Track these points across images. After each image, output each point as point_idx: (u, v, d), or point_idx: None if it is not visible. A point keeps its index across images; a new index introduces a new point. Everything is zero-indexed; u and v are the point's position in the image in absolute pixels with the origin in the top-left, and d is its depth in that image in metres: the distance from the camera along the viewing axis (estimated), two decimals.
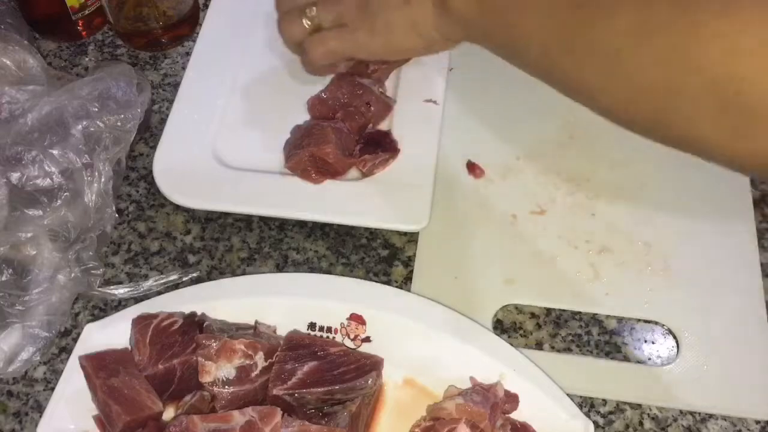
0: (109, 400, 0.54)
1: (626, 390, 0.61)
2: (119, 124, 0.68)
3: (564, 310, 0.65)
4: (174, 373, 0.57)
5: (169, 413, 0.58)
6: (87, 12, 0.81)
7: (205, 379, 0.56)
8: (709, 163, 0.71)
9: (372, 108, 0.72)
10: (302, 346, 0.58)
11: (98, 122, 0.67)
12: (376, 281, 0.66)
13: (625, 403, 0.61)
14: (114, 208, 0.68)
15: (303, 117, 0.74)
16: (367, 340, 0.60)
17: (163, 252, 0.69)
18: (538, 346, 0.63)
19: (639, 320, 0.64)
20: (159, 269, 0.68)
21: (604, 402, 0.61)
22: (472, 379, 0.58)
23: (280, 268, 0.68)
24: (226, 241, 0.70)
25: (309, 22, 0.66)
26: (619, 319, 0.64)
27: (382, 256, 0.69)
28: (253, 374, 0.57)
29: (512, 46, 0.55)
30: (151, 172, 0.70)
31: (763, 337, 0.62)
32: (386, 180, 0.69)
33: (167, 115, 0.74)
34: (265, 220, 0.71)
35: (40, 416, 0.56)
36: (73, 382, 0.57)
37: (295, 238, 0.70)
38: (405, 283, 0.67)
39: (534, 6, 0.51)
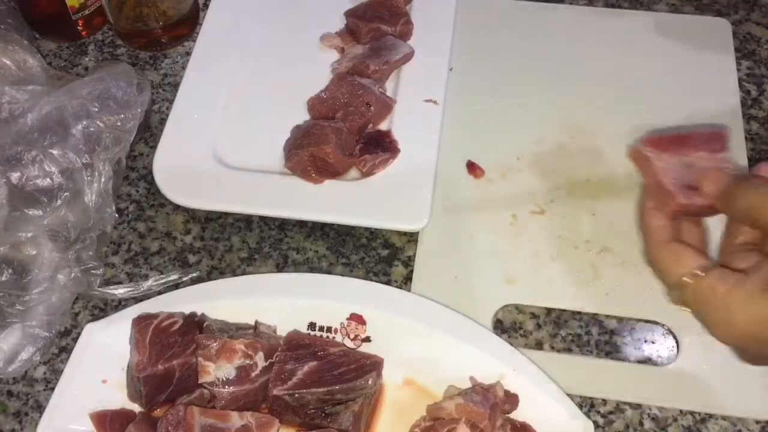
0: None
1: (626, 390, 0.61)
2: (119, 124, 0.68)
3: (564, 310, 0.65)
4: (173, 373, 0.57)
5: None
6: (87, 12, 0.81)
7: (205, 379, 0.56)
8: None
9: (372, 108, 0.72)
10: (302, 346, 0.58)
11: (98, 122, 0.67)
12: (376, 281, 0.66)
13: (625, 403, 0.61)
14: (114, 208, 0.68)
15: (303, 117, 0.74)
16: (367, 340, 0.60)
17: (163, 252, 0.69)
18: (538, 346, 0.63)
19: (639, 320, 0.64)
20: (159, 269, 0.68)
21: (604, 402, 0.61)
22: (472, 379, 0.58)
23: (280, 268, 0.68)
24: (226, 241, 0.70)
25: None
26: (619, 319, 0.64)
27: (382, 256, 0.69)
28: (253, 374, 0.57)
29: None
30: (151, 172, 0.70)
31: None
32: (386, 180, 0.69)
33: (167, 115, 0.74)
34: (265, 220, 0.71)
35: (40, 416, 0.56)
36: (73, 382, 0.57)
37: (295, 238, 0.70)
38: (405, 283, 0.67)
39: None
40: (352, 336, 0.60)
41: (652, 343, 0.63)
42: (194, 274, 0.68)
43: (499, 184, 0.71)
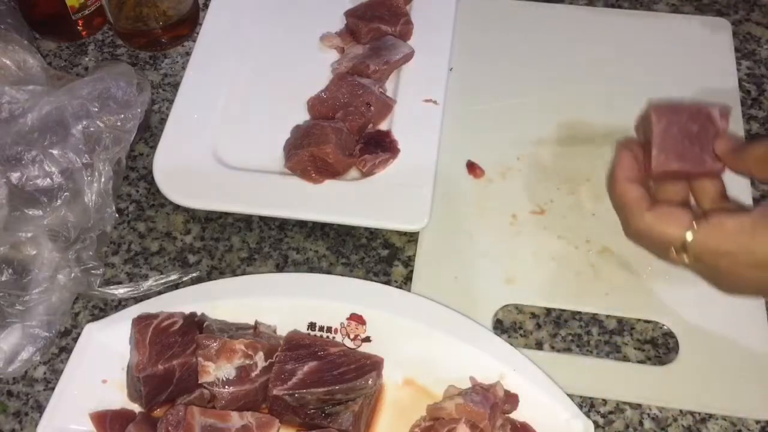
0: None
1: (626, 390, 0.61)
2: (119, 124, 0.68)
3: (564, 310, 0.65)
4: (173, 373, 0.57)
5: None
6: (87, 12, 0.81)
7: (205, 379, 0.56)
8: None
9: (372, 108, 0.72)
10: (302, 346, 0.58)
11: (98, 122, 0.67)
12: (376, 281, 0.66)
13: (625, 403, 0.61)
14: (114, 208, 0.68)
15: (303, 117, 0.74)
16: (367, 340, 0.60)
17: (163, 252, 0.69)
18: (538, 346, 0.63)
19: (639, 320, 0.64)
20: (159, 269, 0.68)
21: (604, 402, 0.61)
22: (472, 379, 0.58)
23: (280, 268, 0.68)
24: (226, 241, 0.70)
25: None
26: (619, 319, 0.64)
27: (382, 256, 0.69)
28: (253, 374, 0.57)
29: None
30: (151, 172, 0.70)
31: (763, 337, 0.62)
32: (386, 180, 0.69)
33: (167, 115, 0.74)
34: (265, 220, 0.71)
35: (40, 416, 0.56)
36: (73, 382, 0.57)
37: (295, 238, 0.70)
38: (405, 283, 0.67)
39: None
40: (352, 336, 0.60)
41: (652, 343, 0.63)
42: (194, 274, 0.68)
43: (499, 184, 0.72)
